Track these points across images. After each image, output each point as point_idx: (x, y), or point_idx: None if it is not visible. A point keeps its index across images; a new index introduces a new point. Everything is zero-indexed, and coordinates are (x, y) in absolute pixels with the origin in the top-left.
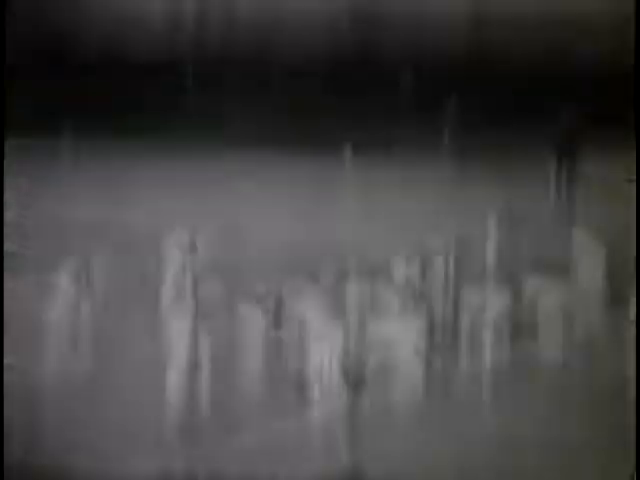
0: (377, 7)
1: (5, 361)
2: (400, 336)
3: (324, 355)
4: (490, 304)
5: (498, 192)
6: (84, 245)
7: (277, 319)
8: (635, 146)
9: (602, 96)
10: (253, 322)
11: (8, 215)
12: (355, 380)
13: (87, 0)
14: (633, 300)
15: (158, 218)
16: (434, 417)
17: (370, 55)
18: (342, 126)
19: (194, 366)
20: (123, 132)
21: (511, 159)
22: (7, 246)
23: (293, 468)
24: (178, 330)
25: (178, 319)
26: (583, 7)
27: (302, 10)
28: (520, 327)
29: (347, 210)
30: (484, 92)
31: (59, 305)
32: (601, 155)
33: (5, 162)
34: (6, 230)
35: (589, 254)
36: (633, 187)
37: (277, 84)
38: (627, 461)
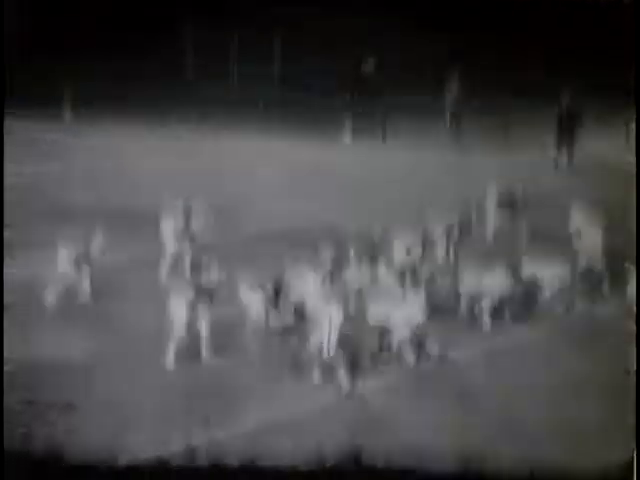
0: None
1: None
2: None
3: (324, 338)
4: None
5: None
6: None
7: (276, 302)
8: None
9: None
10: (252, 305)
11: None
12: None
13: None
14: (633, 298)
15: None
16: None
17: None
18: None
19: (194, 349)
20: None
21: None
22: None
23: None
24: (178, 311)
25: (178, 301)
26: None
27: None
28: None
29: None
30: None
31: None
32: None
33: None
34: None
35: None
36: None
37: None
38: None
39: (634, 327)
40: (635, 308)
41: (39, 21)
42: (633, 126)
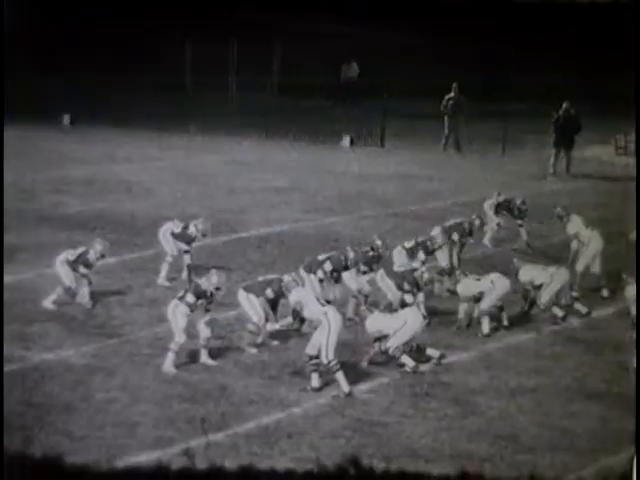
0: None
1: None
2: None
3: (322, 342)
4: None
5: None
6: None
7: (275, 306)
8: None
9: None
10: (251, 309)
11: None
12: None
13: None
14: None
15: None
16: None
17: None
18: None
19: (193, 353)
20: None
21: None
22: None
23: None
24: (176, 315)
25: (177, 305)
26: None
27: None
28: None
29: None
30: None
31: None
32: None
33: None
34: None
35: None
36: None
37: None
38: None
39: (633, 330)
40: (634, 311)
41: (41, 31)
42: (632, 131)
